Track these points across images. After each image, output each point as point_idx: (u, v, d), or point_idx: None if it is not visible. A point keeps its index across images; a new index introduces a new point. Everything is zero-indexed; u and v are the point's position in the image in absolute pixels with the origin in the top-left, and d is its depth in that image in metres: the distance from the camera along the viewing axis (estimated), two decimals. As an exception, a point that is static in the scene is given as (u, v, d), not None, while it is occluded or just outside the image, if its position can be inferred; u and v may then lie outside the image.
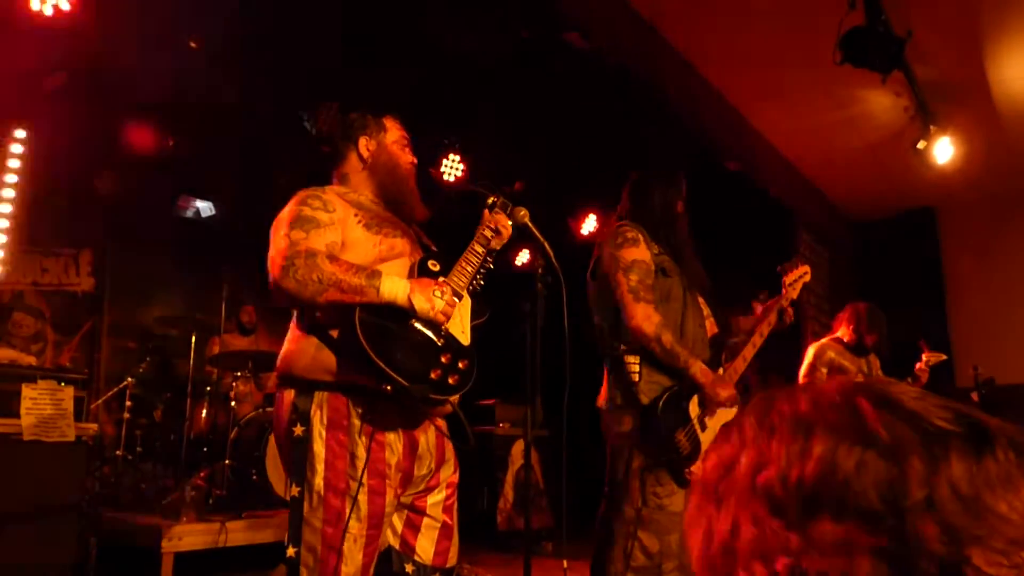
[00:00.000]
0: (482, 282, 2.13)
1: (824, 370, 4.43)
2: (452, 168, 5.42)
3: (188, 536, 3.77)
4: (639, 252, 2.57)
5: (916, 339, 4.38)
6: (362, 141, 2.09)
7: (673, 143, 5.41)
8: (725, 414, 2.62)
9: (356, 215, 1.94)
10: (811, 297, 6.05)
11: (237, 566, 4.14)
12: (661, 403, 2.47)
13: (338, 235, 1.87)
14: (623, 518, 2.52)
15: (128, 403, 4.85)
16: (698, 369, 2.50)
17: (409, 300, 1.79)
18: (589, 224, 6.31)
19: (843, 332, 4.55)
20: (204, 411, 5.23)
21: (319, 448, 1.78)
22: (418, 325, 1.82)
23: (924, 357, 4.31)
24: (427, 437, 1.94)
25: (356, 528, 1.77)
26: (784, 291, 2.86)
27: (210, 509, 4.26)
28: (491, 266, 2.12)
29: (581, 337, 2.84)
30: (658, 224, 2.69)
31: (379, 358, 1.70)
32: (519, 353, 2.34)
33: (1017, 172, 5.69)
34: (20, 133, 4.94)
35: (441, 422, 2.02)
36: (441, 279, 1.91)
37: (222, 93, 5.06)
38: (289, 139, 5.54)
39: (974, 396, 5.75)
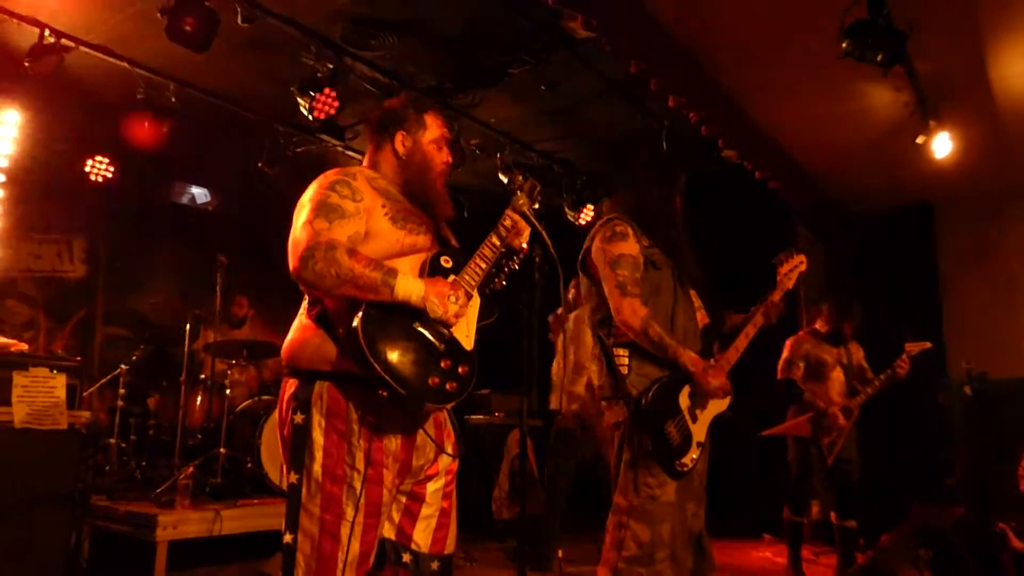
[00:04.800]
0: (504, 282, 2.10)
1: (801, 364, 4.45)
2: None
3: (183, 524, 3.76)
4: (627, 246, 2.57)
5: (911, 333, 4.38)
6: (399, 136, 2.06)
7: (671, 135, 5.42)
8: (716, 406, 2.62)
9: (384, 205, 1.92)
10: (808, 291, 6.05)
11: (232, 554, 4.14)
12: (650, 394, 2.48)
13: (362, 225, 1.86)
14: (615, 508, 2.52)
15: (122, 391, 4.82)
16: (688, 358, 2.51)
17: (423, 302, 1.79)
18: (587, 214, 6.30)
19: (819, 323, 4.59)
20: (199, 399, 5.21)
21: (318, 436, 1.78)
22: (421, 328, 1.81)
23: (907, 348, 4.31)
24: (425, 428, 1.93)
25: (354, 516, 1.76)
26: (779, 281, 2.86)
27: (205, 497, 4.26)
28: (516, 267, 2.09)
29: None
30: (654, 218, 2.68)
31: (377, 363, 1.69)
32: (515, 342, 2.34)
33: (1014, 169, 5.69)
34: (9, 116, 4.91)
35: (440, 415, 2.01)
36: (452, 277, 1.90)
37: (219, 78, 5.03)
38: (284, 126, 5.54)
39: (966, 390, 5.78)
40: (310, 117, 4.50)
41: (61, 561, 3.49)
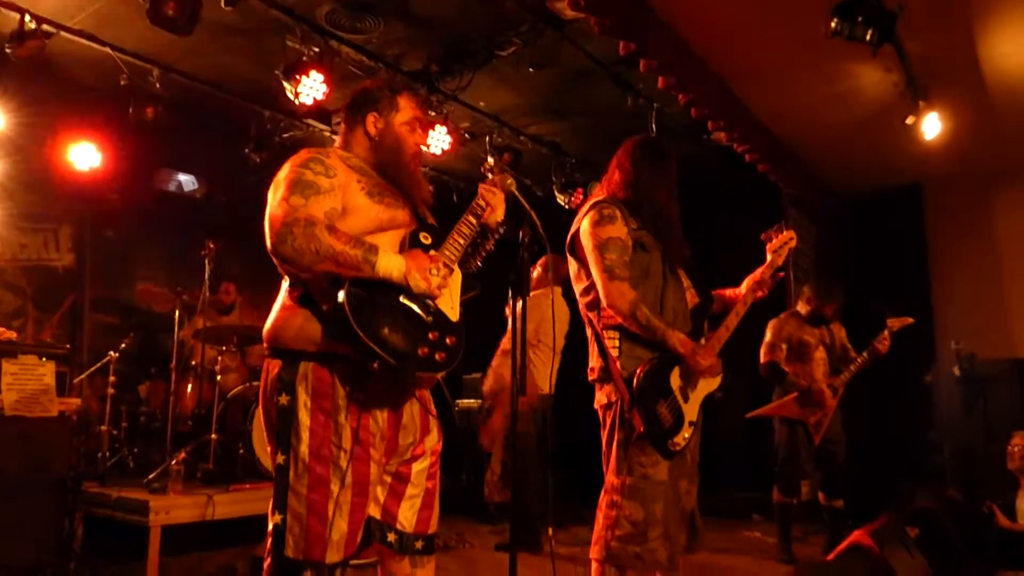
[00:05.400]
0: (479, 264, 2.11)
1: (784, 346, 4.47)
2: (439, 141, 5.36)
3: (175, 509, 3.77)
4: (615, 229, 2.56)
5: (892, 309, 4.39)
6: (371, 117, 2.04)
7: (661, 117, 5.40)
8: (707, 385, 2.63)
9: (359, 181, 1.91)
10: (798, 272, 6.07)
11: (225, 539, 4.15)
12: (641, 376, 2.48)
13: (338, 202, 1.85)
14: (607, 487, 2.53)
15: (112, 378, 4.80)
16: (677, 340, 2.50)
17: (405, 278, 1.79)
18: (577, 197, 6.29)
19: (800, 305, 4.62)
20: (190, 386, 5.21)
21: (304, 417, 1.78)
22: (406, 301, 1.81)
23: (888, 324, 4.32)
24: (412, 407, 1.94)
25: (341, 495, 1.77)
26: (769, 258, 2.86)
27: (197, 483, 4.26)
28: (492, 248, 2.10)
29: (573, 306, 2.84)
30: (643, 200, 2.67)
31: (366, 336, 1.69)
32: (506, 325, 2.33)
33: (1002, 149, 5.71)
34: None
35: (426, 394, 2.01)
36: (433, 252, 1.90)
37: (203, 63, 4.98)
38: (271, 111, 5.49)
39: (955, 371, 5.82)
40: (296, 101, 4.46)
41: (54, 546, 3.49)
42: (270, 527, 1.79)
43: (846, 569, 3.29)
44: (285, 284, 1.91)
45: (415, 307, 1.82)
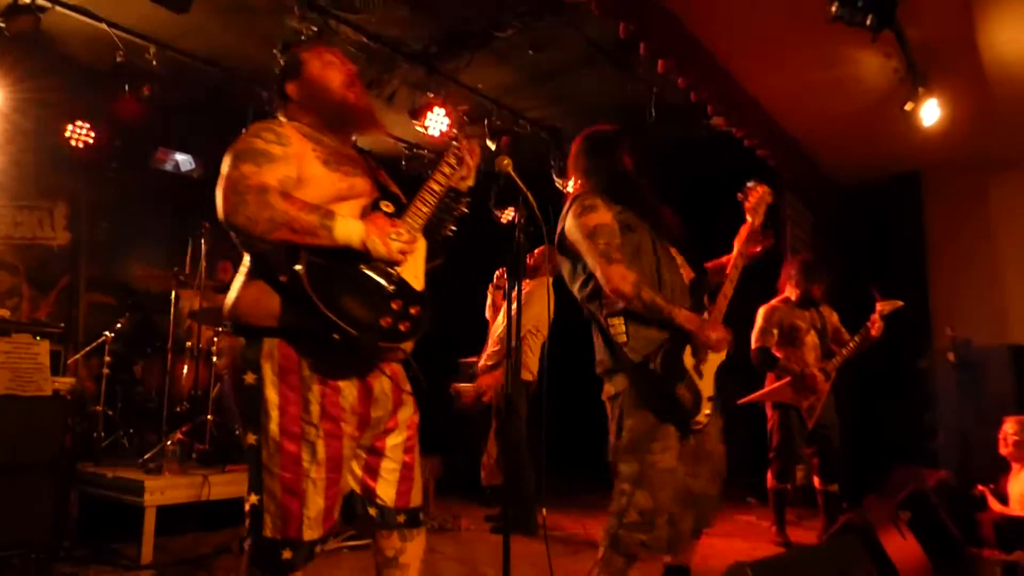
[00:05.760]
0: (453, 228, 2.07)
1: (775, 331, 4.48)
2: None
3: (170, 490, 3.77)
4: (599, 216, 2.57)
5: (881, 292, 4.37)
6: (290, 87, 2.01)
7: (661, 101, 5.37)
8: (717, 356, 2.63)
9: (314, 150, 1.87)
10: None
11: (220, 519, 4.16)
12: (657, 362, 2.47)
13: (292, 170, 1.80)
14: (618, 476, 2.53)
15: (107, 358, 4.79)
16: (683, 317, 2.50)
17: (364, 244, 1.75)
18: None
19: (789, 290, 4.61)
20: (186, 367, 5.20)
21: (272, 395, 1.75)
22: (368, 270, 1.77)
23: (878, 307, 4.32)
24: (381, 381, 1.90)
25: (314, 471, 1.75)
26: (748, 217, 2.85)
27: (192, 463, 4.27)
28: (464, 209, 2.06)
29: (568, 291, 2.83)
30: (613, 185, 2.68)
31: (326, 307, 1.64)
32: (484, 306, 2.32)
33: (1001, 137, 5.68)
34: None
35: (397, 368, 1.97)
36: (394, 219, 1.87)
37: (201, 41, 4.93)
38: (268, 91, 5.45)
39: (950, 356, 5.85)
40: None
41: (48, 526, 3.50)
42: (247, 508, 1.78)
43: (839, 548, 3.31)
44: (246, 257, 1.87)
45: (377, 276, 1.78)
